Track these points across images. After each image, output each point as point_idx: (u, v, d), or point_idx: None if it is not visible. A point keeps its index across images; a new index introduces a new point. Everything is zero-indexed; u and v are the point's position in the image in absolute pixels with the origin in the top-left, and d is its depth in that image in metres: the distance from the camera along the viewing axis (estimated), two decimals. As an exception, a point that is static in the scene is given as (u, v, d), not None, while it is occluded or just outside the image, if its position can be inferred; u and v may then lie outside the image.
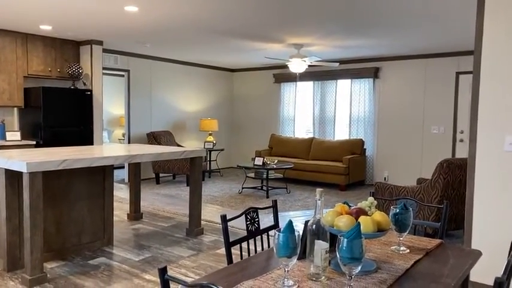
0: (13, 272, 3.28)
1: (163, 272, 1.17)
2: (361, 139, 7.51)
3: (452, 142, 6.94)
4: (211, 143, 8.38)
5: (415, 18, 4.66)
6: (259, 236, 2.16)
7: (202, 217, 4.63)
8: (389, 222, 1.64)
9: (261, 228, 2.14)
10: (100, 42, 6.31)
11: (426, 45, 6.28)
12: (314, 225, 1.41)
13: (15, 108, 5.98)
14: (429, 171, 6.90)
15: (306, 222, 1.50)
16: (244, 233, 2.09)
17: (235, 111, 9.75)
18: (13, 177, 3.28)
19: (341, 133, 8.10)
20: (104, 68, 6.57)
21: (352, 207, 1.63)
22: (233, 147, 9.66)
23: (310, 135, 8.42)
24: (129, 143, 7.59)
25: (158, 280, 3.20)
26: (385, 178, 7.60)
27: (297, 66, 6.34)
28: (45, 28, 5.44)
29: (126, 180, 7.66)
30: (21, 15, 4.77)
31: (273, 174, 6.72)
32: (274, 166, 6.57)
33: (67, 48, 6.25)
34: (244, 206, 5.79)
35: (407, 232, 1.81)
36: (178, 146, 7.99)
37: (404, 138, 7.38)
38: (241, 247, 2.04)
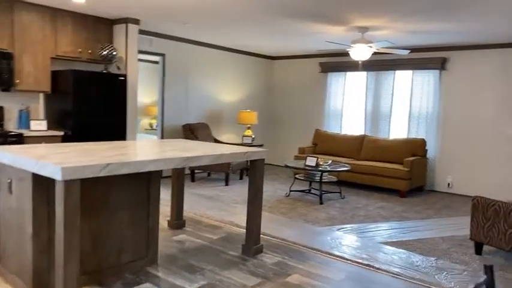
0: (40, 303, 2.58)
1: None
2: (423, 139, 6.62)
3: (535, 146, 6.01)
4: (250, 138, 7.60)
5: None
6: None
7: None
8: None
9: None
10: (136, 21, 5.56)
11: (509, 32, 5.32)
12: None
13: (41, 94, 5.30)
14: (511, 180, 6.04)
15: None
16: None
17: (274, 103, 8.93)
18: (42, 182, 2.56)
19: (397, 131, 7.21)
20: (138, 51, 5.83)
21: None
22: (272, 142, 8.84)
23: (360, 132, 7.56)
24: (162, 135, 6.87)
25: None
26: (448, 184, 6.71)
27: (361, 52, 5.48)
28: (78, 1, 4.71)
29: (164, 174, 6.96)
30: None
31: (326, 177, 5.92)
32: (328, 168, 5.76)
33: (99, 27, 5.52)
34: (296, 214, 5.02)
35: None
36: (215, 140, 7.25)
37: (474, 139, 6.46)
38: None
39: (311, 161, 5.71)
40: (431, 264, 3.52)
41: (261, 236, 3.98)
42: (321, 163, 5.77)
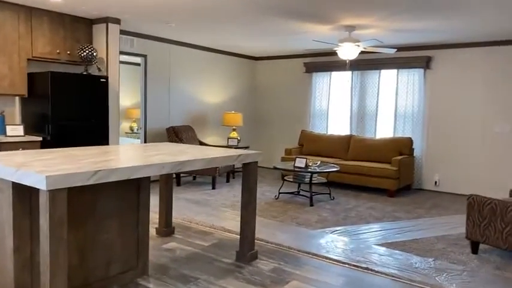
0: (23, 323, 2.37)
1: None
2: (410, 137, 6.62)
3: (519, 143, 6.09)
4: (236, 140, 7.46)
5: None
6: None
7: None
8: None
9: None
10: (117, 21, 5.34)
11: (492, 30, 5.36)
12: None
13: (17, 97, 5.02)
14: (497, 178, 6.09)
15: None
16: None
17: (259, 104, 8.81)
18: (23, 191, 2.36)
19: (384, 130, 7.20)
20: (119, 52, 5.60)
21: None
22: (257, 144, 8.72)
23: (346, 132, 7.52)
24: (145, 138, 6.65)
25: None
26: (435, 182, 6.73)
27: (349, 51, 5.42)
28: (55, 0, 4.47)
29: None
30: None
31: (316, 178, 5.83)
32: (317, 169, 5.68)
33: (78, 27, 5.28)
34: (287, 217, 4.90)
35: None
36: (201, 142, 7.07)
37: (460, 137, 6.50)
38: None
39: (300, 163, 5.61)
40: (429, 265, 3.46)
41: (255, 241, 3.85)
42: (310, 164, 5.68)
